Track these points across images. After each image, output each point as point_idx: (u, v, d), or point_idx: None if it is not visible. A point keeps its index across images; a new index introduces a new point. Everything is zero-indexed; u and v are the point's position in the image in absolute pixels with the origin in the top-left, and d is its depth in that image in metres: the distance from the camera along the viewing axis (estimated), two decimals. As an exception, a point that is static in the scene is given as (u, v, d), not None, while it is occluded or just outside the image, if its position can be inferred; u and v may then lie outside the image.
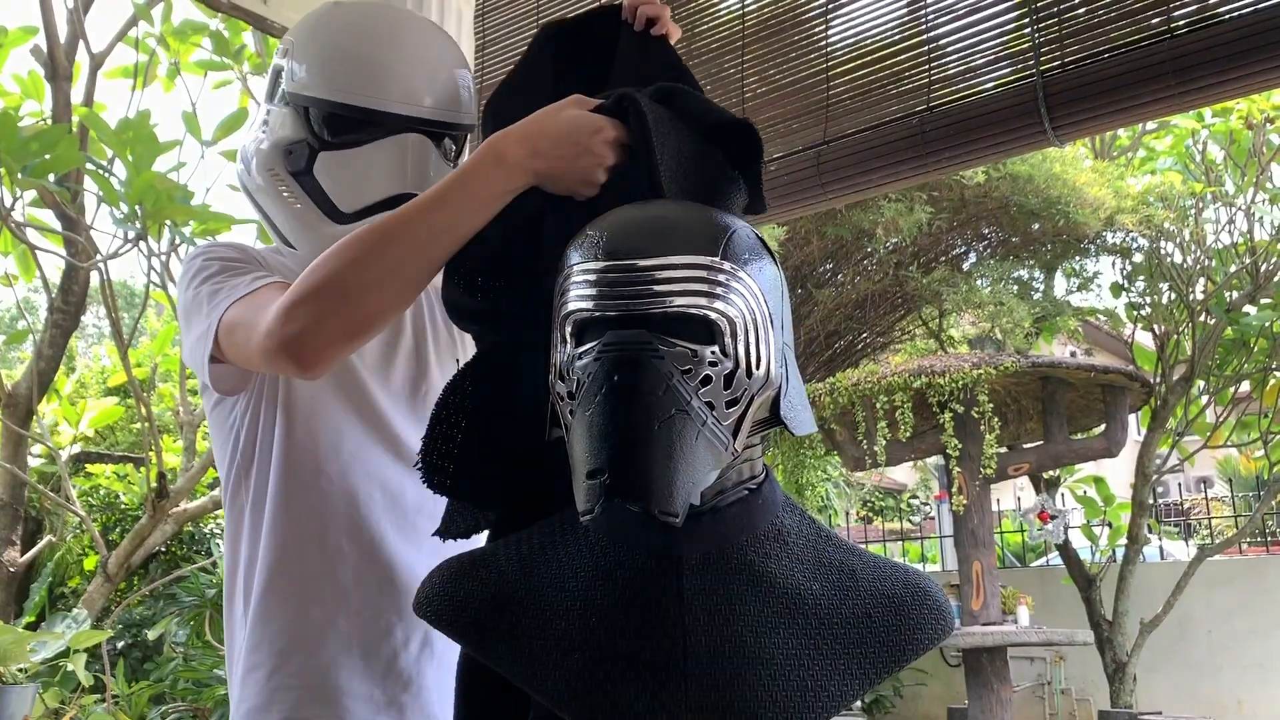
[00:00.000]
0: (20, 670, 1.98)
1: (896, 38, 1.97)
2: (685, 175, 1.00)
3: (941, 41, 1.90)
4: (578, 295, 0.88)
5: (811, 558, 0.93)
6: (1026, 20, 1.78)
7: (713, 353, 0.85)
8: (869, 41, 1.99)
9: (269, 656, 1.16)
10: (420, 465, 1.01)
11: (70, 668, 3.26)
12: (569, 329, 0.88)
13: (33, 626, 4.08)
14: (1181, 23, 1.65)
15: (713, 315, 0.85)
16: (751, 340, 0.87)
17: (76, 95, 5.35)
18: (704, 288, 0.86)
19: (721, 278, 0.87)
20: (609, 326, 0.86)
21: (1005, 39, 1.83)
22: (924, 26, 1.93)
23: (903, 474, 13.97)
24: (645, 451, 0.82)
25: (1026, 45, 1.78)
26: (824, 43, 2.04)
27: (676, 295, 0.85)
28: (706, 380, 0.85)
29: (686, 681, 0.86)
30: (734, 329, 0.86)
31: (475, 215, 1.01)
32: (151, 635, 4.24)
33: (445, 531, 1.06)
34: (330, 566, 1.18)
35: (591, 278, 0.87)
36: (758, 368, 0.88)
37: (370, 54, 1.22)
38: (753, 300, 0.88)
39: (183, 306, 1.19)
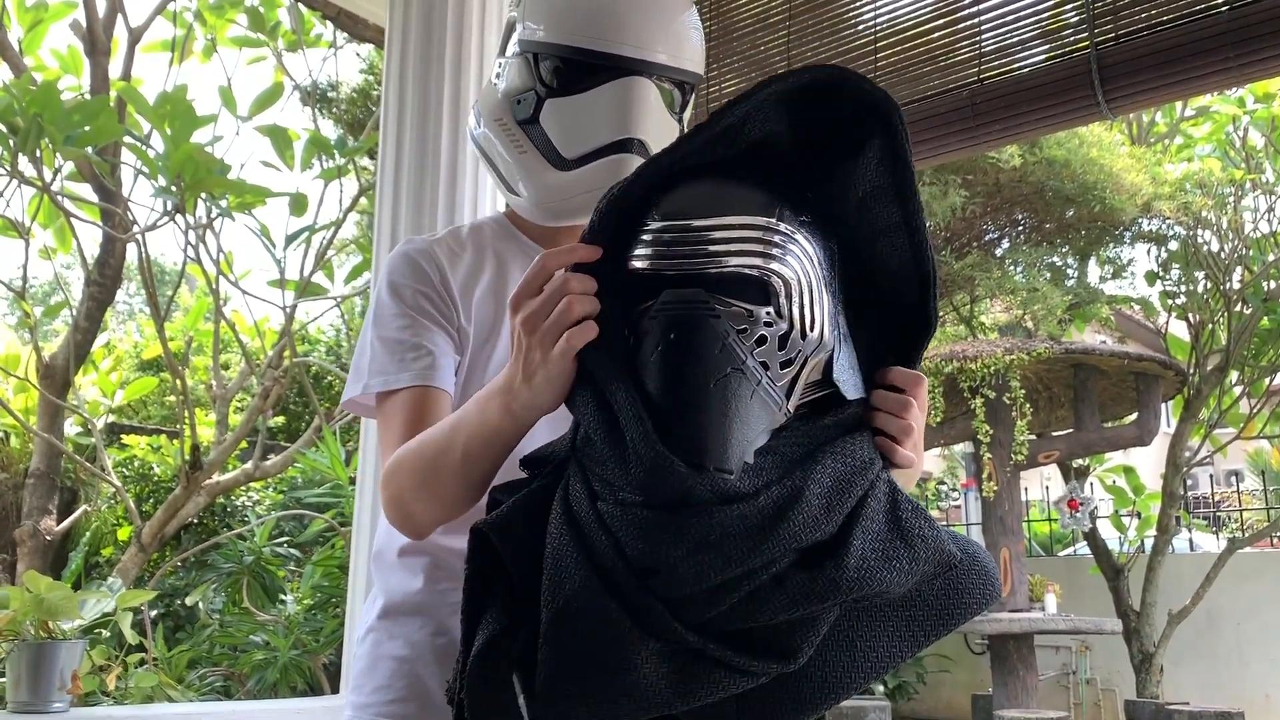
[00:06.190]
0: (68, 627, 2.03)
1: (945, 9, 1.95)
2: None
3: (992, 14, 1.88)
4: (634, 254, 0.87)
5: None
6: (1080, -8, 1.76)
7: (768, 313, 0.85)
8: (917, 13, 1.97)
9: None
10: None
11: (109, 633, 3.32)
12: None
13: (68, 594, 4.14)
14: (1239, -6, 1.62)
15: (768, 275, 0.85)
16: (806, 302, 0.87)
17: (114, 70, 5.40)
18: (759, 248, 0.85)
19: (777, 239, 0.86)
20: (665, 285, 0.85)
21: (1057, 11, 1.81)
22: (973, -1, 1.91)
23: (929, 462, 13.93)
24: (702, 408, 0.82)
25: (1080, 17, 1.76)
26: (871, 15, 2.02)
27: (732, 255, 0.85)
28: (761, 340, 0.85)
29: None
30: (789, 290, 0.86)
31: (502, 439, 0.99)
32: (189, 601, 4.29)
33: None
34: None
35: (648, 237, 0.87)
36: (811, 329, 0.87)
37: None
38: (807, 263, 0.87)
39: (364, 328, 1.24)
